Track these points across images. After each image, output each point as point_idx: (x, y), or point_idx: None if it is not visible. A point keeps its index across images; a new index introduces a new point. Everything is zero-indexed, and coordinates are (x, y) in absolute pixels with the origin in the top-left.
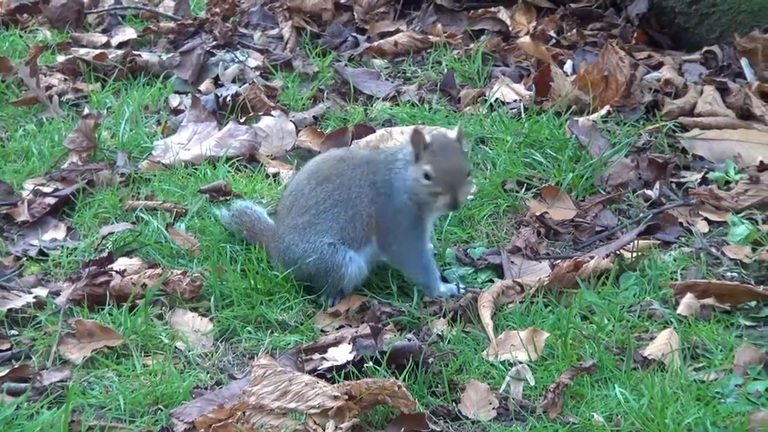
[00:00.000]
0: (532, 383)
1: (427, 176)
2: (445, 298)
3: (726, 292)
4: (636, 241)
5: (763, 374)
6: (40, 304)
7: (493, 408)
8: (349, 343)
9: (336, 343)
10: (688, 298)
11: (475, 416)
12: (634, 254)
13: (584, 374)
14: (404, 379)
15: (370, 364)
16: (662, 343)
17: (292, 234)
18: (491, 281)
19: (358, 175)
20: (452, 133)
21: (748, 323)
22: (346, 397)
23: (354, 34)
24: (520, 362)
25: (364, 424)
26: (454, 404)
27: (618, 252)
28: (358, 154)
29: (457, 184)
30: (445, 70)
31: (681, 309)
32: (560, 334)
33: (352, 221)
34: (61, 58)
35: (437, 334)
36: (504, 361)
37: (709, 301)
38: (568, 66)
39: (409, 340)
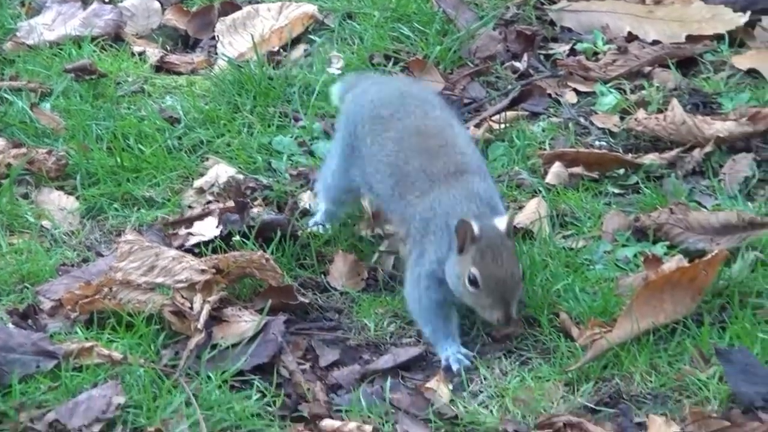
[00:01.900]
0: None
1: (473, 283)
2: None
3: (594, 161)
4: (504, 112)
5: (631, 240)
6: None
7: (362, 279)
8: (216, 218)
9: (203, 217)
10: (557, 167)
11: (343, 287)
12: (503, 125)
13: None
14: (272, 252)
15: (238, 237)
16: (531, 212)
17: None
18: None
19: (413, 175)
20: (501, 224)
21: (616, 191)
22: (214, 270)
23: None
24: (391, 235)
25: (232, 298)
26: (322, 276)
27: (486, 123)
28: (445, 154)
29: (509, 296)
30: None
31: (549, 178)
32: None
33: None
34: None
35: (305, 208)
36: (375, 234)
37: (578, 169)
38: None
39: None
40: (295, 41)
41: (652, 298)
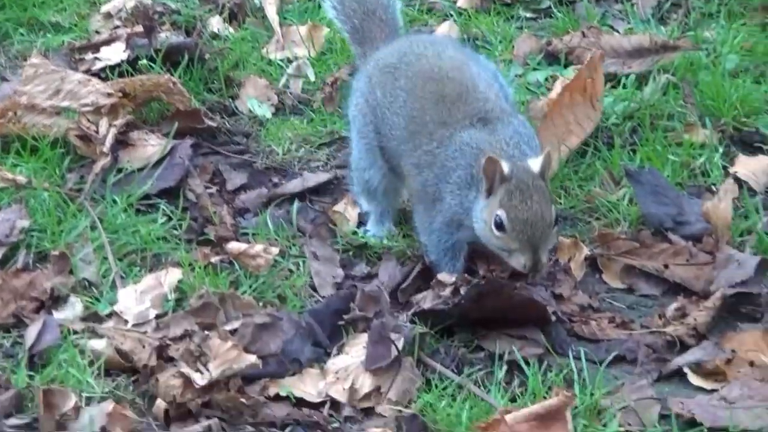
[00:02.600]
0: (312, 78)
1: (499, 226)
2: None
3: None
4: None
5: (542, 64)
6: None
7: (272, 103)
8: (123, 42)
9: (110, 42)
10: None
11: (252, 111)
12: None
13: None
14: (179, 76)
15: (145, 61)
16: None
17: (363, 81)
18: None
19: (431, 125)
20: (535, 165)
21: (528, 15)
22: (120, 94)
23: None
24: (299, 58)
25: (139, 122)
26: (230, 100)
27: None
28: (472, 98)
29: (539, 241)
30: None
31: (461, 2)
32: (336, 31)
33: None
34: None
35: (213, 32)
36: (283, 58)
37: None
38: None
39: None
40: None
41: (556, 121)
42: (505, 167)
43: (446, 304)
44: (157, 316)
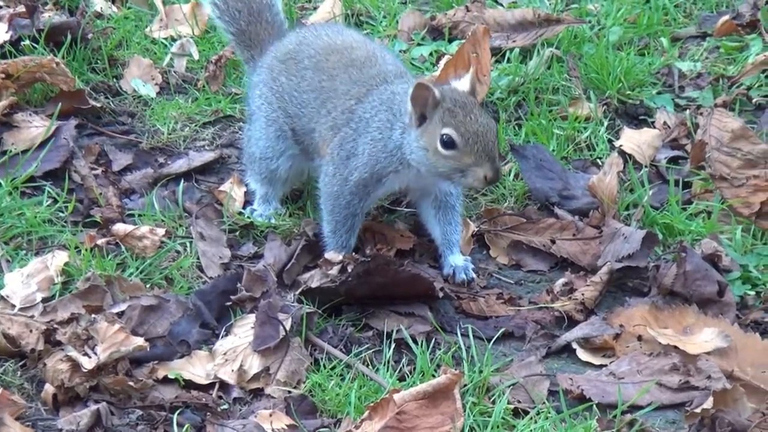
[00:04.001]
0: (196, 57)
1: (448, 144)
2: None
3: None
4: None
5: (426, 39)
6: None
7: (156, 83)
8: (5, 23)
9: None
10: None
11: (136, 91)
12: None
13: None
14: (63, 57)
15: (27, 42)
16: (326, 12)
17: (262, 74)
18: None
19: (342, 92)
20: (463, 85)
21: None
22: (3, 75)
23: None
24: (183, 37)
25: (22, 103)
26: (115, 80)
27: None
28: (371, 64)
29: (492, 150)
30: None
31: None
32: None
33: (310, 125)
34: None
35: (97, 11)
36: (167, 37)
37: None
38: None
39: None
40: None
41: None
42: (436, 91)
43: (333, 282)
44: (44, 300)
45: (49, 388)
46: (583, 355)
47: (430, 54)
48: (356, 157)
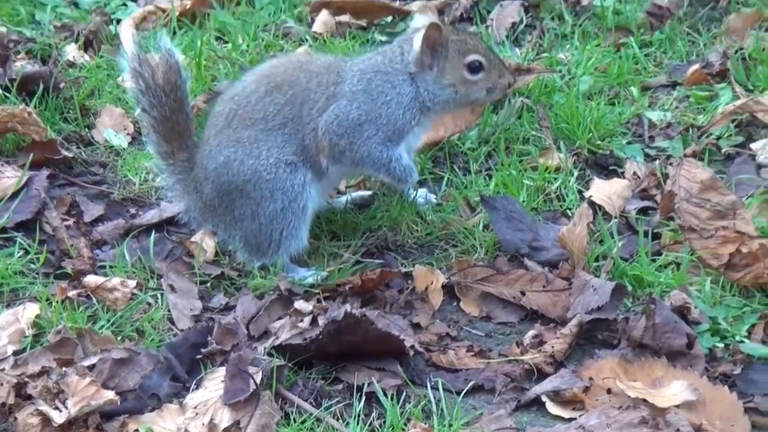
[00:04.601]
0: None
1: (476, 69)
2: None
3: (362, 9)
4: None
5: None
6: None
7: (128, 133)
8: None
9: None
10: (324, 15)
11: (108, 141)
12: None
13: None
14: (35, 106)
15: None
16: None
17: (233, 147)
18: (124, 5)
19: (314, 86)
20: (431, 19)
21: (384, 38)
22: None
23: None
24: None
25: None
26: (87, 130)
27: None
28: (320, 59)
29: (500, 57)
30: None
31: (316, 26)
32: (194, 55)
33: (304, 142)
34: None
35: (69, 60)
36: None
37: (345, 17)
38: None
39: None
40: None
41: None
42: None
43: (304, 339)
44: (15, 353)
45: None
46: (552, 408)
47: None
48: (370, 122)
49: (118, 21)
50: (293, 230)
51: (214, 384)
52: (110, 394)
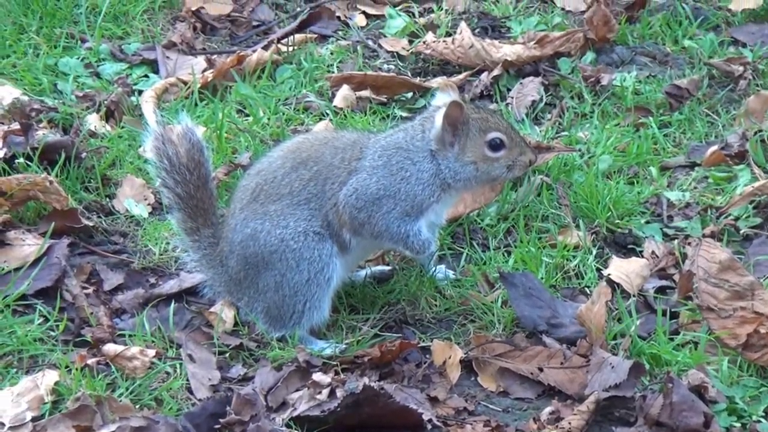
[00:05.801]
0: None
1: (497, 146)
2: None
3: (382, 84)
4: (293, 35)
5: None
6: None
7: (148, 203)
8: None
9: None
10: (345, 90)
11: (128, 211)
12: (291, 48)
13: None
14: (56, 175)
15: (22, 160)
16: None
17: (260, 219)
18: (146, 77)
19: (338, 162)
20: (452, 96)
21: (404, 114)
22: None
23: None
24: None
25: (16, 221)
26: (107, 199)
27: (275, 45)
28: (345, 135)
29: (522, 135)
30: None
31: (337, 101)
32: (216, 128)
33: (328, 217)
34: None
35: (91, 130)
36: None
37: (366, 92)
38: None
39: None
40: None
41: None
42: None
43: (322, 411)
44: (34, 419)
45: None
46: None
47: None
48: (389, 197)
49: (140, 92)
50: (317, 302)
51: None
52: None
